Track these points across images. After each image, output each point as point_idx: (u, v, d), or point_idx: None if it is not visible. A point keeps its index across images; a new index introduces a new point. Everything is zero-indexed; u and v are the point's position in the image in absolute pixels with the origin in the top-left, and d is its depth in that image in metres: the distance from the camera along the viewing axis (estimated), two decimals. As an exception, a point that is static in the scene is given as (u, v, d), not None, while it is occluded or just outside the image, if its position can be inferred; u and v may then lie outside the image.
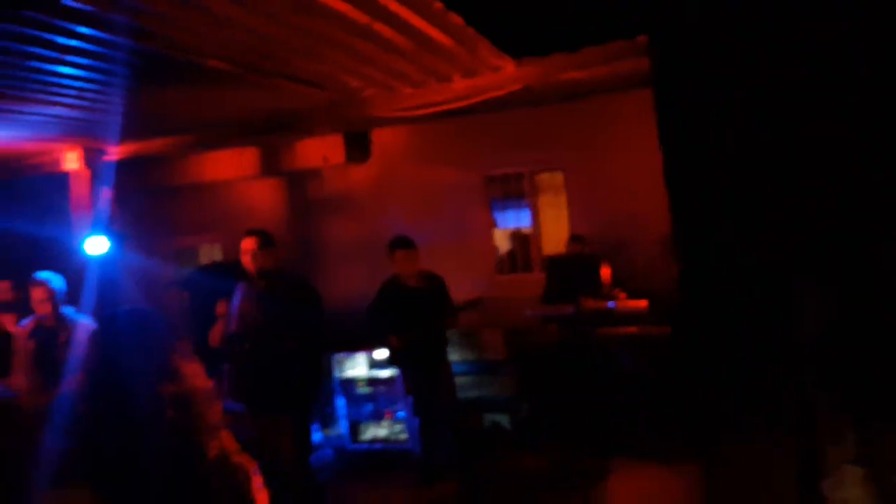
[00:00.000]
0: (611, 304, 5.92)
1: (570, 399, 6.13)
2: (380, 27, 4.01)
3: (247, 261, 4.57)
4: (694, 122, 2.31)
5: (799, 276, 2.21)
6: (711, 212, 2.25)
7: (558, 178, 7.78)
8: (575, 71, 5.32)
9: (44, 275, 5.01)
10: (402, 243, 5.61)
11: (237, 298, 4.67)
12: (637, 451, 5.46)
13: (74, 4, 3.18)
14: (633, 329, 5.87)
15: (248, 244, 4.57)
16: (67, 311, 5.09)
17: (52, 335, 4.98)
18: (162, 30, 3.66)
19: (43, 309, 4.97)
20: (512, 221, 8.13)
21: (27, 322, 5.11)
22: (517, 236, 8.04)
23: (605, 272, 6.19)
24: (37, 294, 4.95)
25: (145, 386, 2.26)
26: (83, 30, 3.52)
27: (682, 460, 4.62)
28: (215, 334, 5.65)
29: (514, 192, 7.87)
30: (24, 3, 3.08)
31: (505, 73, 5.32)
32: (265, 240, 4.62)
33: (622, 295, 6.06)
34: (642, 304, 5.80)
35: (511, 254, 8.03)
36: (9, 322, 5.73)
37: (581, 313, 5.99)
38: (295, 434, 4.56)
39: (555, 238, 7.58)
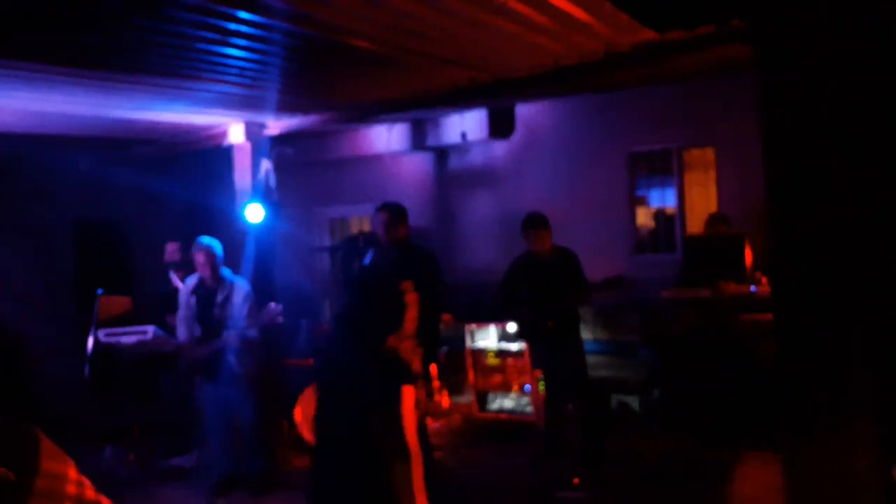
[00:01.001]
0: (753, 288, 5.67)
1: (704, 386, 5.96)
2: (516, 5, 4.06)
3: (379, 232, 4.98)
4: (798, 108, 2.22)
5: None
6: (813, 196, 2.16)
7: (708, 154, 7.50)
8: (724, 41, 5.10)
9: (205, 240, 5.53)
10: (534, 222, 5.68)
11: (367, 262, 5.01)
12: (770, 444, 5.24)
13: (235, -9, 3.49)
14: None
15: (380, 217, 5.00)
16: (226, 272, 5.59)
17: (211, 294, 5.51)
18: (316, 13, 3.91)
19: (203, 271, 5.50)
20: (656, 199, 7.93)
21: (191, 281, 5.68)
22: (660, 215, 7.85)
23: (748, 254, 5.93)
24: (199, 257, 5.47)
25: (377, 339, 2.69)
26: (245, 15, 3.84)
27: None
28: None
29: (659, 168, 7.67)
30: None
31: (648, 46, 5.20)
32: (394, 212, 4.97)
33: (764, 279, 5.79)
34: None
35: (653, 233, 7.85)
36: (177, 279, 6.39)
37: (720, 297, 5.79)
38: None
39: (700, 218, 7.32)
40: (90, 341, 5.98)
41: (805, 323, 2.16)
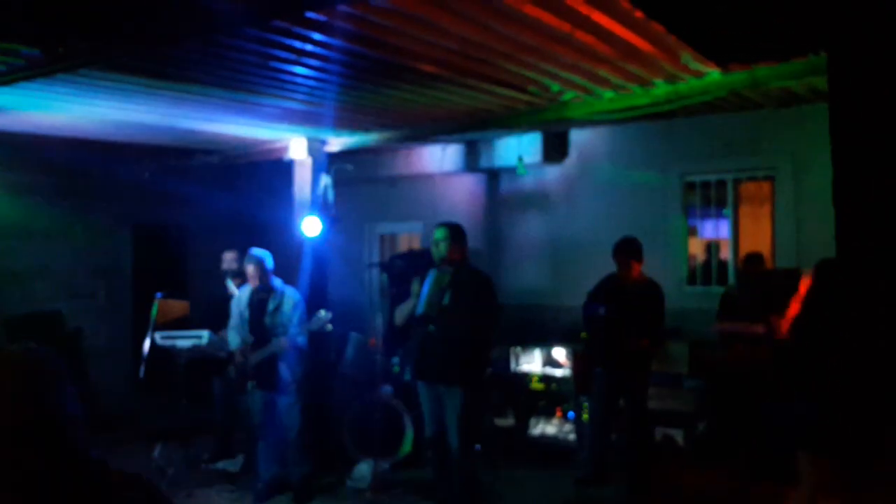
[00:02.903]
0: (806, 326, 5.59)
1: (752, 421, 5.88)
2: (581, 35, 4.14)
3: (435, 249, 5.00)
4: (869, 139, 2.24)
5: None
6: (883, 234, 2.17)
7: (764, 188, 7.43)
8: (785, 80, 5.10)
9: (255, 252, 5.73)
10: (623, 250, 5.75)
11: (427, 284, 5.07)
12: (814, 485, 5.13)
13: (313, 15, 3.63)
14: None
15: (438, 235, 5.04)
16: (276, 282, 5.75)
17: (263, 303, 5.68)
18: (382, 37, 4.05)
19: (254, 282, 5.68)
20: (710, 231, 7.88)
21: (243, 291, 5.85)
22: (713, 246, 7.79)
23: (803, 291, 5.85)
24: (249, 269, 5.68)
25: None
26: (318, 36, 3.99)
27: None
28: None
29: (714, 199, 7.62)
30: (276, 15, 3.58)
31: (710, 80, 5.22)
32: (454, 232, 5.01)
33: (819, 317, 5.70)
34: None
35: (706, 264, 7.79)
36: (233, 286, 6.57)
37: (773, 333, 5.72)
38: (459, 410, 4.89)
39: (754, 250, 7.23)
40: (146, 343, 6.18)
41: (872, 359, 2.17)
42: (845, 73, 2.42)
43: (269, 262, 5.73)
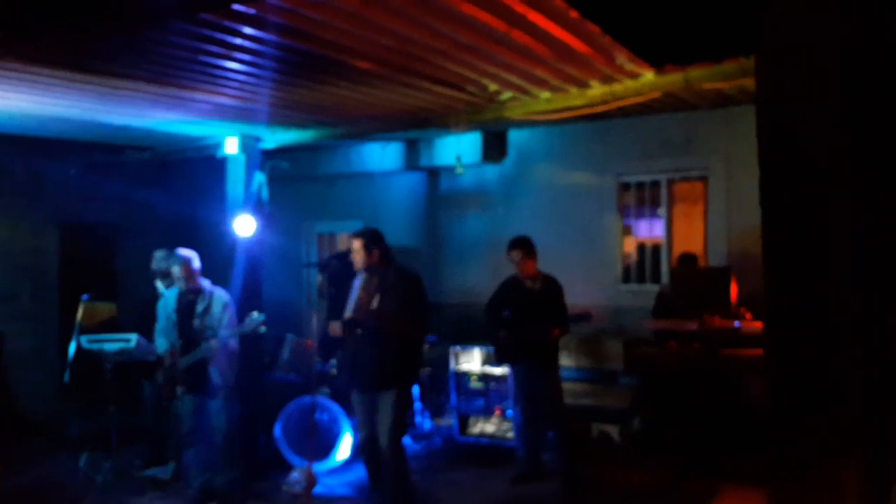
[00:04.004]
0: (737, 323, 5.74)
1: (686, 418, 6.00)
2: (518, 35, 4.13)
3: (355, 259, 5.05)
4: (793, 141, 2.29)
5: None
6: (809, 230, 2.21)
7: (697, 188, 7.59)
8: (718, 82, 5.21)
9: (182, 252, 5.59)
10: (519, 244, 5.75)
11: (354, 288, 5.09)
12: (751, 479, 5.28)
13: (242, 8, 3.52)
14: (758, 351, 5.67)
15: (354, 245, 5.07)
16: (204, 283, 5.62)
17: (191, 305, 5.53)
18: (315, 31, 3.96)
19: (181, 283, 5.54)
20: (644, 230, 8.01)
21: (171, 292, 5.69)
22: (647, 246, 7.93)
23: (734, 289, 6.00)
24: (176, 270, 5.52)
25: None
26: (248, 30, 3.87)
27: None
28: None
29: (648, 199, 7.76)
30: (202, 7, 3.46)
31: (644, 81, 5.29)
32: (369, 240, 5.05)
33: (748, 315, 5.86)
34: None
35: (640, 263, 7.92)
36: (164, 287, 6.36)
37: (705, 331, 5.85)
38: (391, 411, 4.88)
39: (688, 250, 7.39)
40: (72, 346, 5.94)
41: (797, 358, 2.20)
42: (771, 76, 2.45)
43: (196, 262, 5.58)
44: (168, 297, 5.69)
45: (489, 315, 5.93)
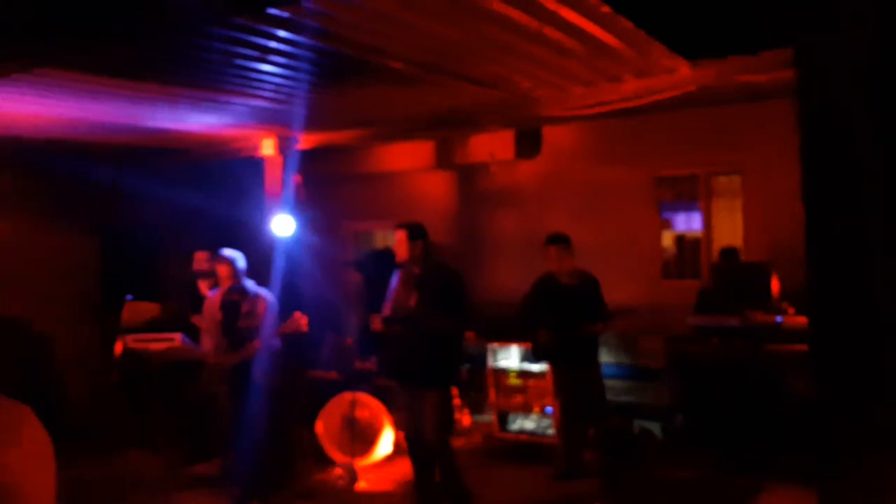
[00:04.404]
0: (779, 318, 5.64)
1: (728, 414, 5.92)
2: (550, 31, 4.11)
3: (398, 251, 5.01)
4: (838, 134, 2.24)
5: None
6: (852, 222, 2.17)
7: (735, 182, 7.48)
8: (754, 74, 5.12)
9: (227, 252, 5.62)
10: (556, 240, 5.72)
11: (393, 284, 5.08)
12: (794, 476, 5.19)
13: (276, 12, 3.56)
14: (801, 347, 5.57)
15: (398, 236, 5.02)
16: (249, 284, 5.67)
17: (235, 305, 5.59)
18: (349, 34, 3.99)
19: (226, 283, 5.58)
20: (682, 224, 7.92)
21: (215, 293, 5.75)
22: (686, 240, 7.84)
23: (775, 284, 5.90)
24: (221, 270, 5.56)
25: None
26: (282, 33, 3.93)
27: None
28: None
29: (685, 194, 7.66)
30: (236, 11, 3.51)
31: (679, 75, 5.22)
32: (413, 232, 5.00)
33: (791, 310, 5.76)
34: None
35: (678, 258, 7.83)
36: (205, 288, 6.47)
37: (747, 326, 5.77)
38: (435, 409, 4.88)
39: (727, 244, 7.29)
40: (117, 346, 6.07)
41: (840, 351, 2.16)
42: (811, 67, 2.41)
43: (242, 262, 5.64)
44: (213, 297, 5.77)
45: (524, 312, 5.90)
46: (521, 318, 5.92)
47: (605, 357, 6.66)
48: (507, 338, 6.88)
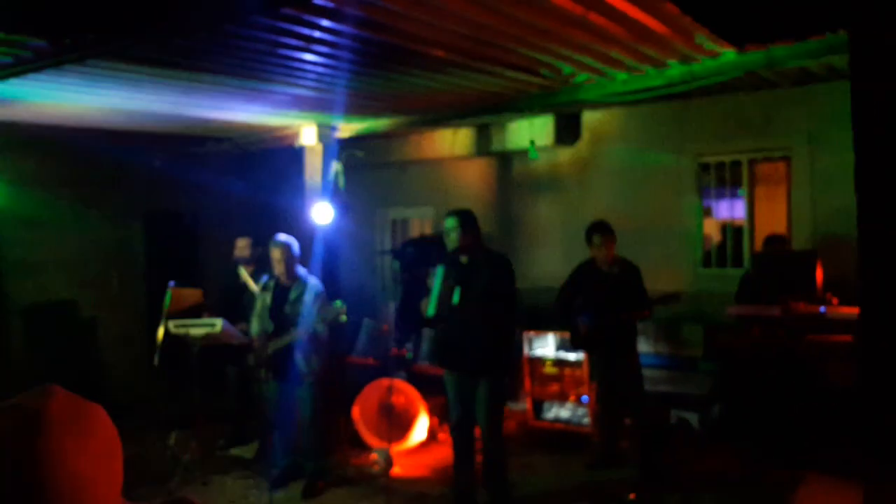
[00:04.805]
0: (822, 308, 5.54)
1: (768, 405, 5.84)
2: (594, 17, 4.07)
3: (450, 238, 4.94)
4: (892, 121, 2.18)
5: None
6: None
7: (780, 168, 7.33)
8: (803, 59, 5.01)
9: (282, 238, 5.65)
10: (600, 228, 5.67)
11: (436, 283, 4.99)
12: (834, 468, 5.11)
13: (321, 2, 3.58)
14: (845, 337, 5.46)
15: (449, 223, 4.97)
16: (300, 271, 5.71)
17: (285, 291, 5.64)
18: (392, 22, 3.99)
19: (279, 268, 5.62)
20: (725, 212, 7.80)
21: (266, 278, 5.82)
22: (729, 228, 7.71)
23: (819, 273, 5.79)
24: (275, 254, 5.59)
25: None
26: (326, 23, 3.94)
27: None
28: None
29: (729, 180, 7.54)
30: (285, 2, 3.54)
31: (725, 60, 5.14)
32: (464, 220, 4.94)
33: (835, 300, 5.64)
34: (857, 310, 5.38)
35: (721, 246, 7.72)
36: (246, 274, 6.56)
37: (789, 316, 5.67)
38: (486, 398, 4.87)
39: (771, 232, 7.15)
40: (160, 331, 6.19)
41: (889, 342, 2.12)
42: (868, 53, 2.35)
43: (295, 248, 5.66)
44: (266, 282, 5.81)
45: (562, 300, 5.88)
46: (560, 305, 5.90)
47: (644, 346, 6.61)
48: (543, 326, 6.87)
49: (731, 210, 7.65)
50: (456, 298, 4.85)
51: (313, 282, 5.67)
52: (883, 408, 2.22)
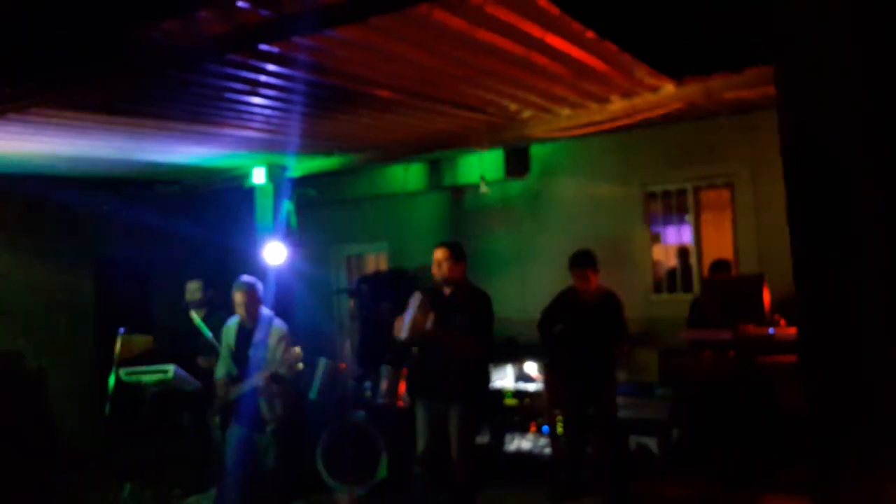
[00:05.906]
0: (771, 330, 5.69)
1: (724, 428, 5.94)
2: (536, 57, 4.18)
3: (436, 270, 4.91)
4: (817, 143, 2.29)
5: None
6: (838, 229, 2.20)
7: (724, 195, 7.54)
8: (740, 90, 5.21)
9: (245, 279, 5.48)
10: (578, 260, 5.76)
11: (409, 309, 4.85)
12: (792, 488, 5.21)
13: (267, 47, 3.61)
14: (793, 358, 5.60)
15: (439, 255, 4.91)
16: (265, 312, 5.53)
17: (249, 334, 5.47)
18: (337, 66, 4.04)
19: (241, 311, 5.43)
20: (673, 238, 7.97)
21: (232, 321, 5.61)
22: (677, 254, 7.88)
23: (766, 296, 5.94)
24: (237, 298, 5.40)
25: None
26: (272, 67, 3.97)
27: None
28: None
29: (675, 208, 7.72)
30: (229, 48, 3.55)
31: (665, 94, 5.31)
32: (455, 252, 4.94)
33: (783, 321, 5.80)
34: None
35: (671, 273, 7.88)
36: (197, 317, 6.43)
37: (739, 339, 5.80)
38: (459, 428, 4.81)
39: (718, 257, 7.33)
40: (111, 379, 6.04)
41: (833, 364, 2.19)
42: (790, 83, 2.46)
43: (259, 290, 5.50)
44: (229, 325, 5.62)
45: (543, 327, 5.91)
46: (539, 333, 5.92)
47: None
48: (501, 358, 6.89)
49: (679, 236, 7.83)
50: (429, 324, 4.75)
51: (277, 323, 5.51)
52: (830, 424, 2.28)
